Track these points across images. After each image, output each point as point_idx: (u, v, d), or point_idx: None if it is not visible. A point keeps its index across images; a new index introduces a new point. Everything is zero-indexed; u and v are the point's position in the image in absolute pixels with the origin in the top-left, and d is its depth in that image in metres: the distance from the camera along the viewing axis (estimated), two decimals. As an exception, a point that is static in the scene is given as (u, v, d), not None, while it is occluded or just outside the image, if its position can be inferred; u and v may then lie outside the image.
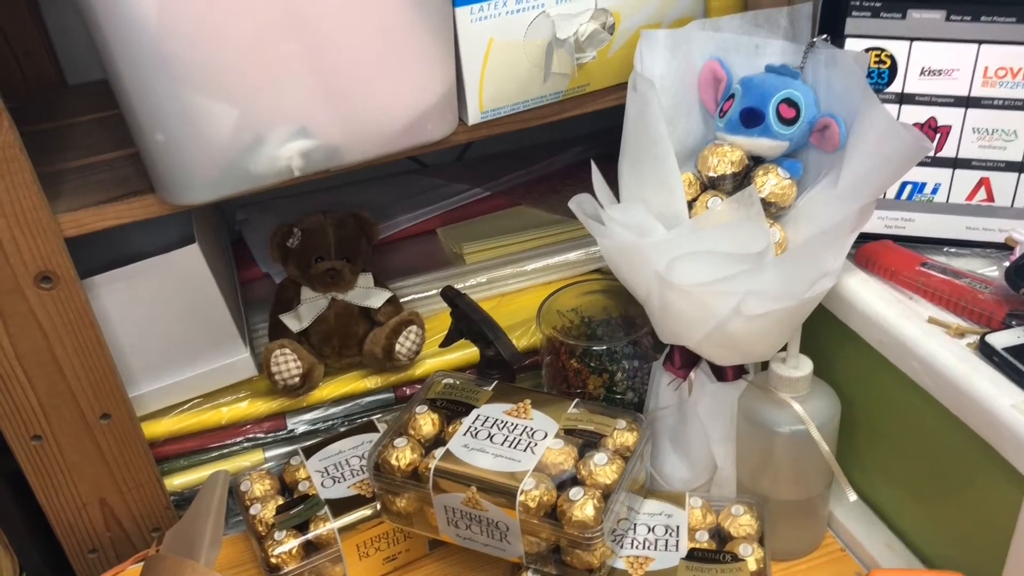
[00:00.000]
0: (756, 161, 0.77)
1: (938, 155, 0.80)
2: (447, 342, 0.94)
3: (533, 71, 0.87)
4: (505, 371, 0.88)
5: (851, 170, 0.72)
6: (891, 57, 0.78)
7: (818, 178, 0.76)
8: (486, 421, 0.80)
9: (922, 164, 0.80)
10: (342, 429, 0.99)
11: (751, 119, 0.75)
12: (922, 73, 0.78)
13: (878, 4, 0.76)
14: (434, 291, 1.09)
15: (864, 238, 0.81)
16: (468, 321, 0.89)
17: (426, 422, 0.82)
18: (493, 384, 0.85)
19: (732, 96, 0.77)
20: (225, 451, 0.99)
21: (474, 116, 0.87)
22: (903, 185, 0.81)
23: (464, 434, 0.79)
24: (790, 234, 0.76)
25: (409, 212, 1.20)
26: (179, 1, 0.70)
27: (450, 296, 0.90)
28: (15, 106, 0.76)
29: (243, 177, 0.79)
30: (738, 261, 0.70)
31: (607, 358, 0.90)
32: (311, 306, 0.99)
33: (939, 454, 0.74)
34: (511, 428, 0.79)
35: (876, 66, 0.78)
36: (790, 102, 0.75)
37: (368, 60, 0.78)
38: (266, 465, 0.98)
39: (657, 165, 0.73)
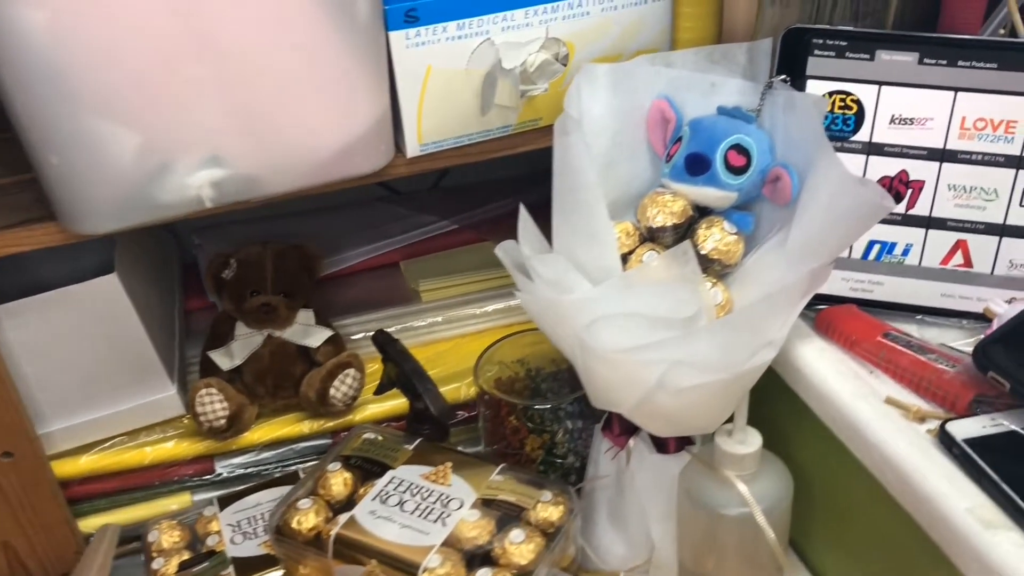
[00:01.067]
0: (702, 212, 0.70)
1: (910, 213, 0.72)
2: (380, 390, 0.87)
3: (477, 103, 0.80)
4: (434, 427, 0.81)
5: (802, 228, 0.64)
6: (858, 102, 0.70)
7: (771, 234, 0.68)
8: (400, 485, 0.73)
9: (891, 222, 0.72)
10: (277, 475, 0.93)
11: (697, 166, 0.68)
12: (892, 121, 0.70)
13: (843, 43, 0.68)
14: (392, 329, 1.03)
15: (826, 300, 0.73)
16: (398, 370, 0.82)
17: (337, 481, 0.75)
18: (416, 442, 0.78)
19: (680, 139, 0.70)
20: (150, 492, 0.93)
21: (413, 148, 0.81)
22: (870, 244, 0.73)
23: (374, 498, 0.72)
24: (736, 295, 0.68)
25: (373, 242, 1.14)
26: (72, 13, 0.64)
27: (380, 342, 0.83)
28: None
29: (149, 207, 0.74)
30: (665, 326, 0.62)
31: (549, 417, 0.82)
32: (245, 343, 0.93)
33: (892, 546, 0.66)
34: (425, 495, 0.72)
35: (841, 111, 0.71)
36: (740, 148, 0.67)
37: (286, 85, 0.72)
38: (192, 511, 0.92)
39: (585, 215, 0.66)
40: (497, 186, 1.22)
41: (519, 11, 0.78)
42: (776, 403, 0.73)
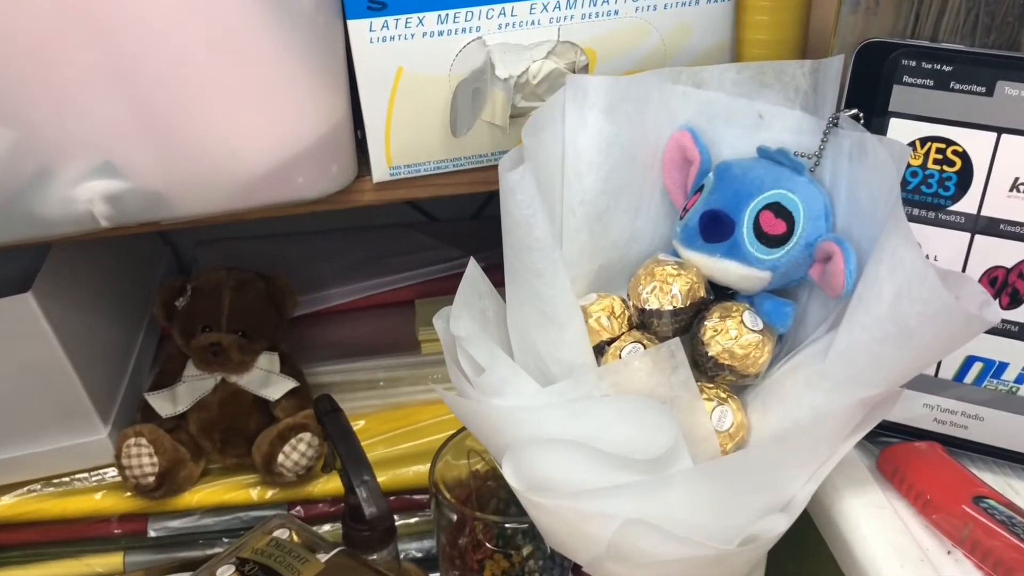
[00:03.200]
0: (721, 294, 0.49)
1: (1031, 323, 0.49)
2: (325, 467, 0.70)
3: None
4: (373, 528, 0.63)
5: (852, 338, 0.43)
6: (963, 156, 0.48)
7: (815, 336, 0.47)
8: (290, 615, 0.55)
9: (1003, 333, 0.49)
10: (219, 545, 0.77)
11: (715, 229, 0.47)
12: (1015, 188, 0.47)
13: (947, 68, 0.46)
14: (382, 382, 0.87)
15: (898, 431, 0.51)
16: (335, 450, 0.64)
17: (223, 592, 0.58)
18: (333, 553, 0.60)
19: (702, 188, 0.50)
20: (75, 548, 0.81)
21: (380, 172, 0.63)
22: (969, 361, 0.51)
23: (253, 627, 0.55)
24: (756, 421, 0.47)
25: (389, 274, 0.98)
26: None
27: (321, 411, 0.66)
28: None
29: (28, 221, 0.60)
30: (628, 465, 0.42)
31: (522, 535, 0.63)
32: (192, 386, 0.79)
33: None
34: (315, 633, 0.54)
35: (938, 168, 0.49)
36: (779, 209, 0.47)
37: (200, 83, 0.56)
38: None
39: (537, 286, 0.46)
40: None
41: (522, 4, 0.60)
42: (807, 557, 0.52)
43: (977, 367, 0.51)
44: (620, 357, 0.47)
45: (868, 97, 0.49)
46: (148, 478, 0.75)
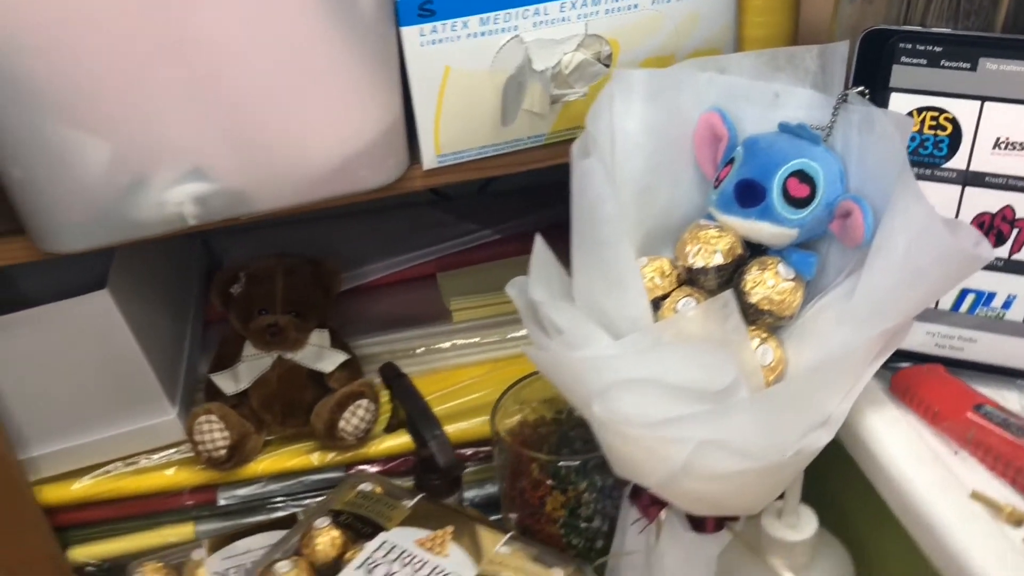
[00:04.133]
0: (754, 251, 0.58)
1: (1014, 258, 0.58)
2: (389, 428, 0.78)
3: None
4: (443, 477, 0.71)
5: (873, 279, 0.52)
6: (953, 121, 0.57)
7: (839, 279, 0.56)
8: (390, 552, 0.64)
9: (991, 268, 0.58)
10: (281, 510, 0.85)
11: (749, 195, 0.56)
12: (997, 145, 0.57)
13: (938, 49, 0.55)
14: (420, 349, 0.94)
15: (906, 357, 0.60)
16: (405, 409, 0.72)
17: (324, 541, 0.66)
18: (416, 499, 0.68)
19: (732, 160, 0.58)
20: (151, 521, 0.87)
21: (429, 160, 0.71)
22: (963, 293, 0.60)
23: (359, 567, 0.63)
24: (791, 355, 0.56)
25: (411, 250, 1.05)
26: (25, 8, 0.56)
27: (387, 376, 0.74)
28: None
29: (123, 225, 0.66)
30: (698, 397, 0.51)
31: (576, 472, 0.71)
32: (252, 365, 0.85)
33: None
34: (417, 567, 0.62)
35: (932, 132, 0.58)
36: (803, 176, 0.55)
37: (276, 90, 0.63)
38: (195, 543, 0.85)
39: (605, 254, 0.54)
40: (548, 191, 1.11)
41: (553, 4, 0.67)
42: (838, 476, 0.61)
43: (970, 298, 0.60)
44: (676, 311, 0.56)
45: (872, 76, 0.57)
46: (220, 451, 0.81)
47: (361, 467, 0.84)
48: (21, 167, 0.62)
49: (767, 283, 0.55)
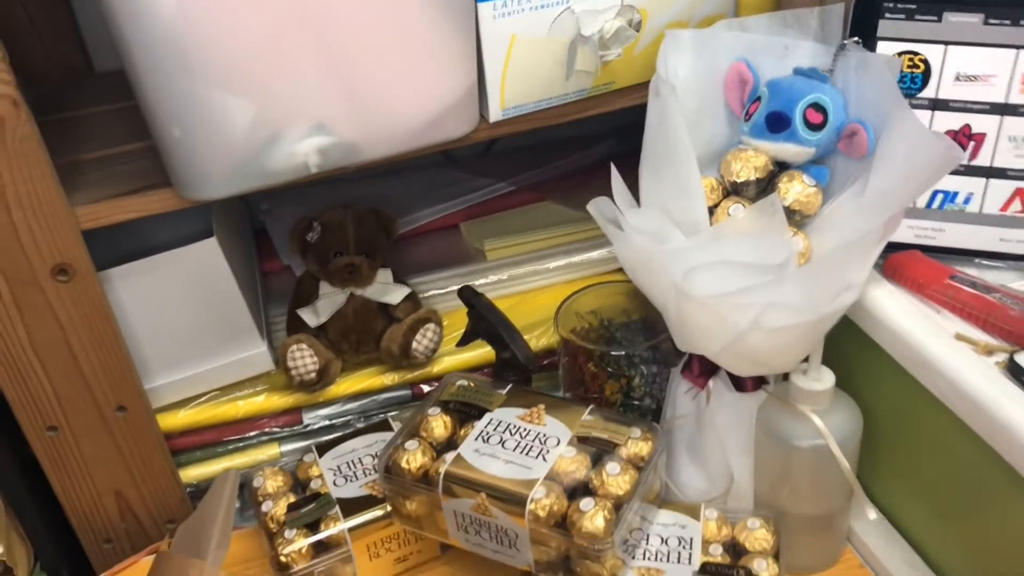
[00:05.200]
0: (780, 167, 0.75)
1: (972, 164, 0.77)
2: (463, 342, 0.92)
3: (556, 69, 0.85)
4: (521, 374, 0.87)
5: (879, 179, 0.69)
6: (925, 61, 0.75)
7: (845, 186, 0.74)
8: (499, 426, 0.79)
9: (955, 173, 0.77)
10: (359, 425, 0.98)
11: (777, 123, 0.73)
12: (957, 79, 0.75)
13: (912, 6, 0.73)
14: (454, 287, 1.08)
15: (892, 248, 0.78)
16: (484, 322, 0.88)
17: (438, 424, 0.81)
18: (508, 387, 0.83)
19: (758, 99, 0.75)
20: (241, 444, 0.99)
21: (495, 113, 0.85)
22: (934, 194, 0.79)
23: (476, 438, 0.78)
24: (814, 243, 0.74)
25: (432, 206, 1.19)
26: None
27: (467, 296, 0.89)
28: (40, 93, 0.75)
29: (259, 173, 0.78)
30: (758, 272, 0.68)
31: (625, 363, 0.88)
32: (329, 301, 0.98)
33: (963, 474, 0.72)
34: (523, 434, 0.78)
35: (909, 70, 0.76)
36: (818, 107, 0.72)
37: (387, 55, 0.77)
38: (281, 460, 0.98)
39: (677, 171, 0.71)
40: (544, 150, 1.27)
41: (597, -20, 0.82)
42: (845, 346, 0.78)
43: (939, 197, 0.79)
44: (729, 214, 0.73)
45: (863, 29, 0.75)
46: (311, 374, 0.94)
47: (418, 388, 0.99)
48: (180, 127, 0.74)
49: (795, 189, 0.73)
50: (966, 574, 0.76)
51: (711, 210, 0.75)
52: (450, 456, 0.77)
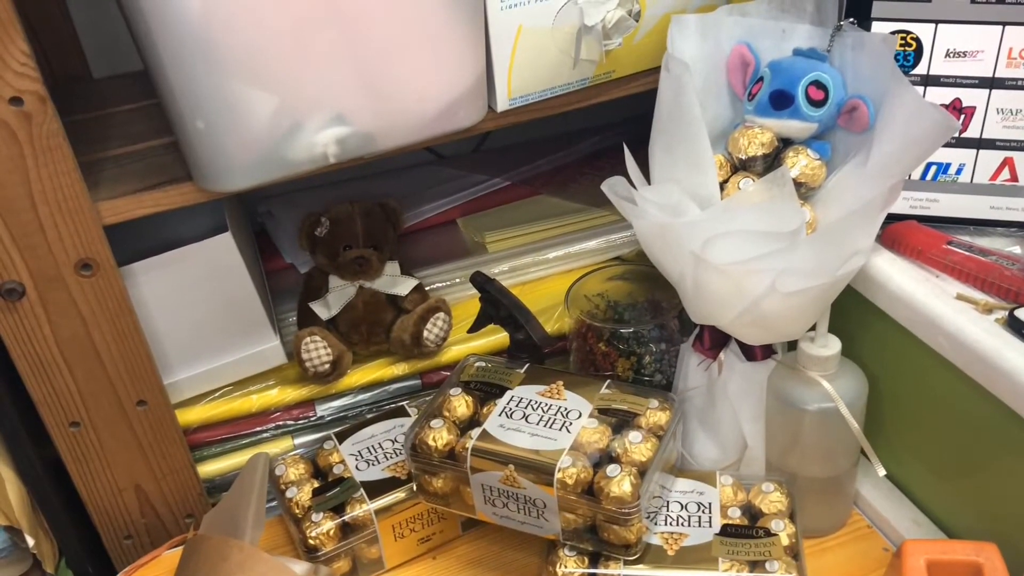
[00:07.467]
0: (785, 143, 0.79)
1: (962, 136, 0.81)
2: (475, 328, 0.95)
3: (561, 58, 0.88)
4: (535, 354, 0.90)
5: (881, 150, 0.73)
6: (916, 40, 0.80)
7: (847, 159, 0.78)
8: (520, 402, 0.82)
9: (947, 145, 0.81)
10: (369, 415, 1.00)
11: (781, 101, 0.77)
12: (947, 55, 0.80)
13: (904, -13, 0.78)
14: (459, 279, 1.11)
15: (890, 219, 0.82)
16: (498, 306, 0.90)
17: (460, 404, 0.83)
18: (525, 366, 0.86)
19: (761, 79, 0.79)
20: (255, 438, 1.00)
21: (502, 103, 0.88)
22: (928, 166, 0.83)
23: (499, 415, 0.80)
24: (819, 214, 0.78)
25: (429, 203, 1.21)
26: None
27: (480, 281, 0.91)
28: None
29: (280, 164, 0.80)
30: (772, 240, 0.71)
31: (635, 341, 0.91)
32: (339, 294, 1.00)
33: (967, 429, 0.76)
34: (545, 408, 0.80)
35: (902, 49, 0.80)
36: (819, 84, 0.76)
37: (402, 47, 0.79)
38: (297, 451, 1.00)
39: (691, 146, 0.74)
40: (534, 146, 1.30)
41: (598, -28, 0.86)
42: (848, 314, 0.82)
43: (933, 169, 0.83)
44: (740, 188, 0.76)
45: (858, 10, 0.79)
46: (325, 366, 0.96)
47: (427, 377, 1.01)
48: (204, 119, 0.76)
49: (801, 162, 0.77)
50: (972, 527, 0.80)
51: (721, 185, 0.78)
52: (476, 432, 0.79)
